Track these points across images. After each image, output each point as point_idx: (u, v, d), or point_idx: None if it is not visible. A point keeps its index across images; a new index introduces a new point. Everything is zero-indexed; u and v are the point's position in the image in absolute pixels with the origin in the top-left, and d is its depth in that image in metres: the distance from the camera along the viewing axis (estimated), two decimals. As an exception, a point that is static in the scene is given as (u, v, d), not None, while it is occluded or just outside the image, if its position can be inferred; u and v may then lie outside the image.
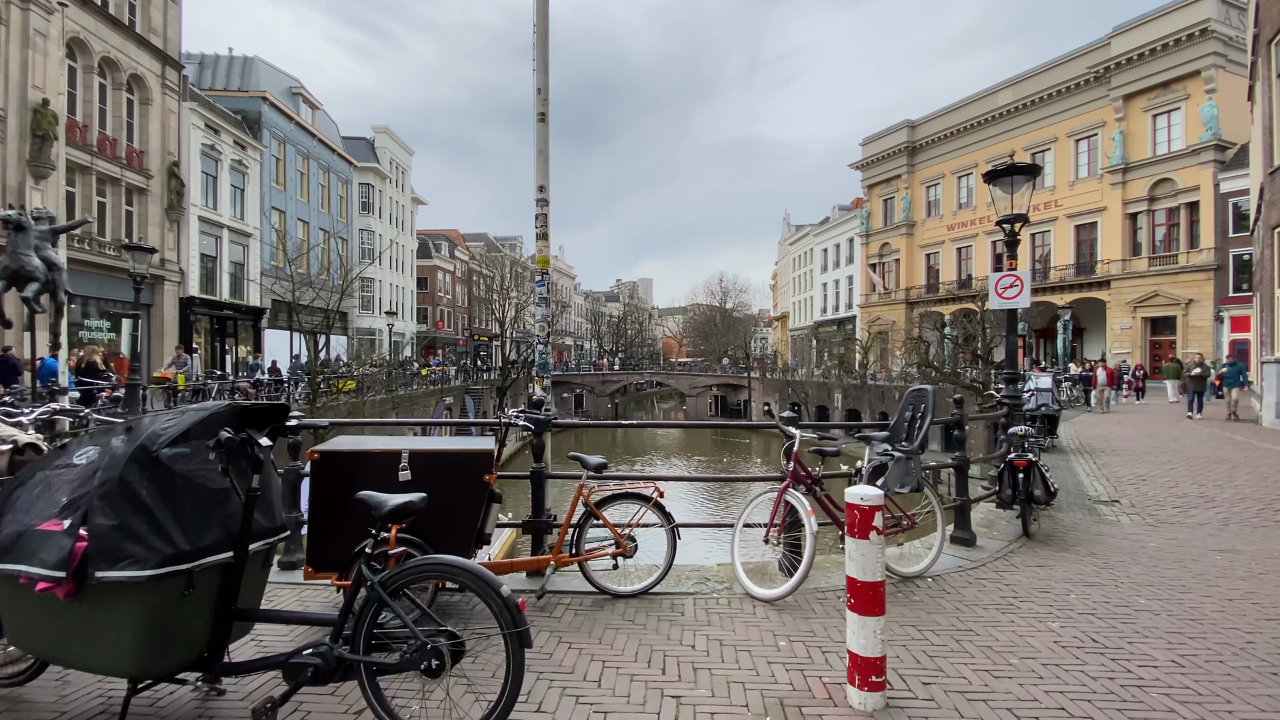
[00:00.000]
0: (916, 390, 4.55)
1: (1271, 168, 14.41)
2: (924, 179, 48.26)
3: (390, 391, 26.66)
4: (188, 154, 23.96)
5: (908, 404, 4.53)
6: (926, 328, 41.33)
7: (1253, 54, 18.32)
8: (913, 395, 4.53)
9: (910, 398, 4.53)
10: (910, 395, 4.58)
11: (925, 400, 4.42)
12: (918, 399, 4.49)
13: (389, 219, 43.81)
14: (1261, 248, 16.42)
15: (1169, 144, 33.58)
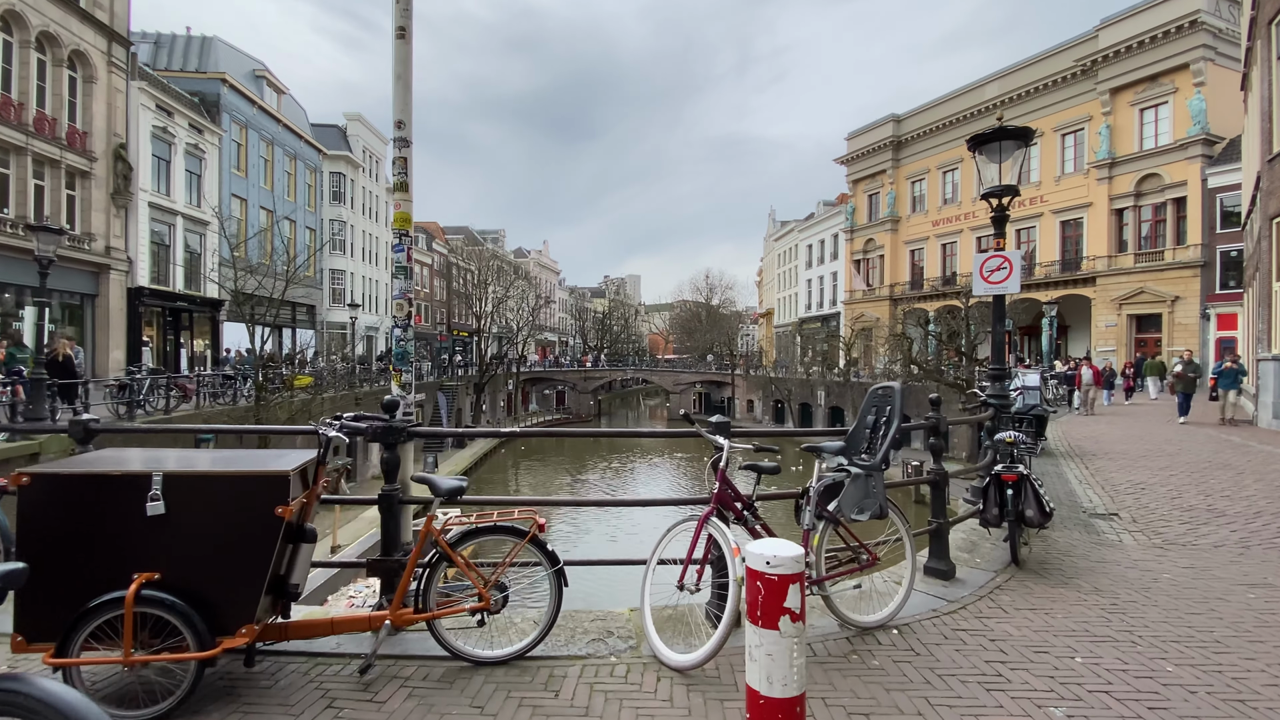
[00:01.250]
0: (881, 389, 3.67)
1: (1270, 155, 13.70)
2: (909, 174, 47.64)
3: (352, 387, 25.52)
4: (136, 136, 22.66)
5: (870, 406, 3.65)
6: (910, 324, 40.67)
7: (1249, 38, 17.65)
8: (876, 396, 3.64)
9: (873, 399, 3.64)
10: (873, 396, 3.70)
11: (891, 402, 3.53)
12: (882, 400, 3.61)
13: (362, 209, 42.51)
14: (1258, 239, 15.75)
15: (1156, 138, 33.08)
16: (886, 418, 3.57)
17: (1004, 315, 5.82)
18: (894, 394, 3.57)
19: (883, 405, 3.61)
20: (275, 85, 32.28)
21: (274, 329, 34.12)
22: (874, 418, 3.66)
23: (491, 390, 50.58)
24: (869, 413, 3.67)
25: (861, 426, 3.68)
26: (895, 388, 3.60)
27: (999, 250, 5.85)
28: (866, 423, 3.65)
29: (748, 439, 3.68)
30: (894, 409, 3.52)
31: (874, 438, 3.62)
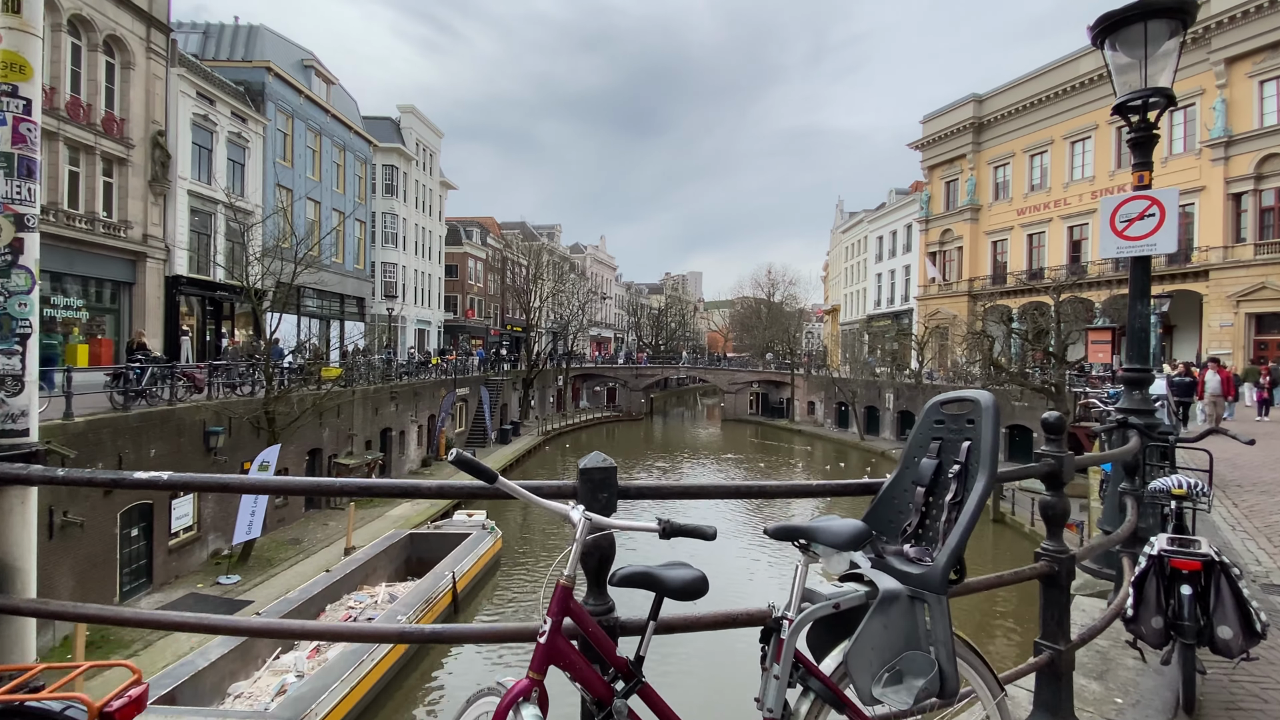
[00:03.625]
0: (950, 401, 1.93)
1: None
2: (991, 159, 43.75)
3: (387, 380, 24.76)
4: (175, 123, 22.50)
5: (927, 436, 1.90)
6: (991, 322, 37.12)
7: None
8: (941, 414, 1.91)
9: (933, 417, 1.92)
10: (933, 411, 1.93)
11: (976, 429, 1.76)
12: (955, 424, 1.85)
13: (415, 203, 42.30)
14: None
15: (1278, 114, 28.87)
16: (963, 460, 1.76)
17: (1147, 290, 3.78)
18: (982, 413, 1.76)
19: (955, 434, 1.82)
20: (324, 75, 32.10)
21: (323, 321, 34.36)
22: (935, 459, 1.84)
23: (541, 386, 49.77)
24: (924, 448, 1.89)
25: (906, 479, 1.87)
26: (983, 402, 1.78)
27: (1142, 188, 3.80)
28: (919, 471, 1.85)
29: (665, 501, 1.94)
30: (984, 443, 1.71)
31: (931, 504, 1.79)
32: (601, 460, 1.77)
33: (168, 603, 13.61)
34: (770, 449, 44.53)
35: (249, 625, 2.14)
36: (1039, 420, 13.27)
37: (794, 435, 49.93)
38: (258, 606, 13.24)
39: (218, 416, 15.86)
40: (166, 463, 14.38)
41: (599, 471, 1.75)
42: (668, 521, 1.55)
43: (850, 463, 38.17)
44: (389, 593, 13.91)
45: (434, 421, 30.39)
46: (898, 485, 1.91)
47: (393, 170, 39.92)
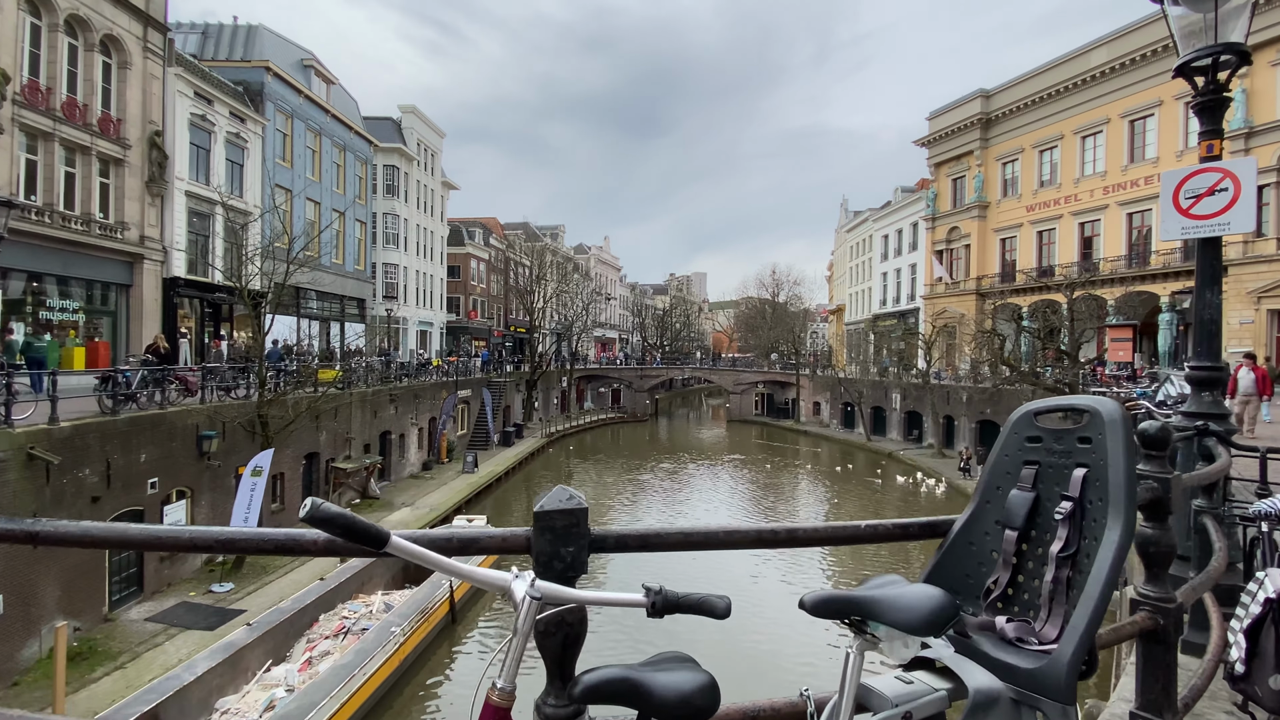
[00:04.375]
0: (1048, 410, 1.44)
1: None
2: (999, 155, 43.11)
3: (386, 383, 24.35)
4: (173, 124, 22.19)
5: (1017, 456, 1.40)
6: (1000, 320, 36.52)
7: None
8: (1031, 429, 1.41)
9: (1024, 439, 1.41)
10: (1021, 427, 1.43)
11: (1100, 452, 1.26)
12: (1064, 445, 1.35)
13: (416, 203, 41.97)
14: None
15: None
16: (1075, 495, 1.28)
17: (1218, 276, 3.32)
18: (1107, 428, 1.27)
19: (1061, 457, 1.34)
20: (324, 75, 31.79)
21: (323, 322, 34.03)
22: (1029, 490, 1.37)
23: (545, 387, 49.38)
24: (1011, 475, 1.41)
25: (988, 518, 1.42)
26: (1106, 412, 1.29)
27: (1211, 159, 3.33)
28: (1007, 508, 1.38)
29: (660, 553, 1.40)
30: (1114, 471, 1.22)
31: (1026, 554, 1.35)
32: (566, 499, 1.27)
33: (159, 612, 13.24)
34: (776, 450, 44.01)
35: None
36: None
37: (800, 436, 49.38)
38: (251, 615, 12.85)
39: (211, 420, 15.49)
40: (158, 467, 14.02)
41: (563, 516, 1.24)
42: (660, 591, 1.07)
43: (857, 463, 37.62)
44: (384, 601, 13.50)
45: (435, 424, 30.00)
46: (975, 526, 1.43)
47: (394, 170, 39.60)
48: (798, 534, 1.36)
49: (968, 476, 30.65)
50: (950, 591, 1.37)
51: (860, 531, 1.40)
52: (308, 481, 20.69)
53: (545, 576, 1.18)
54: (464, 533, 1.27)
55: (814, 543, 1.40)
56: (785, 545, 1.35)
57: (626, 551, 1.35)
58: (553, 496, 1.28)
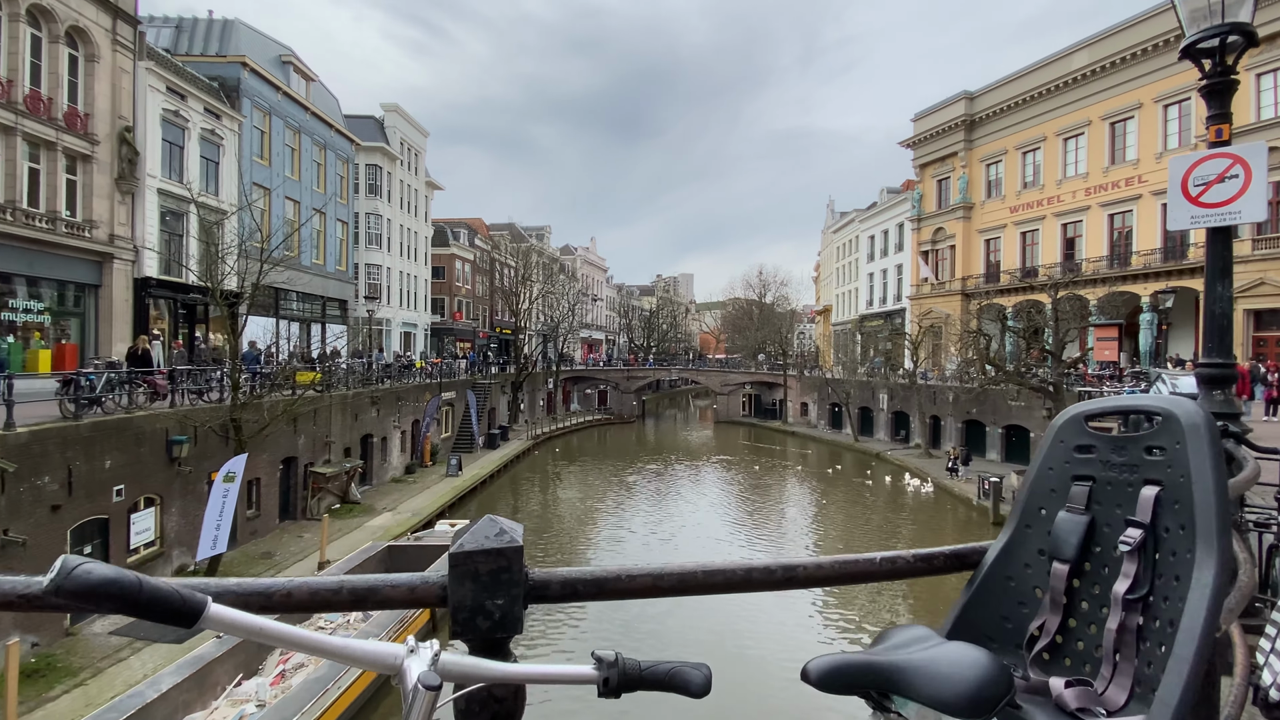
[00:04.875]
0: (1103, 413, 1.20)
1: None
2: (983, 156, 43.35)
3: (367, 385, 23.89)
4: (144, 119, 21.63)
5: (1064, 470, 1.16)
6: (986, 321, 36.64)
7: None
8: (1082, 436, 1.17)
9: (1072, 448, 1.17)
10: (1069, 433, 1.19)
11: (1178, 464, 1.00)
12: (1128, 456, 1.09)
13: (400, 203, 41.44)
14: None
15: (1276, 107, 28.50)
16: (1145, 522, 1.01)
17: (1229, 268, 3.11)
18: (1187, 435, 0.99)
19: (1123, 471, 1.07)
20: (303, 72, 31.24)
21: (303, 324, 33.42)
22: (1083, 513, 1.11)
23: (530, 389, 48.99)
24: (1059, 494, 1.15)
25: (1029, 545, 1.16)
26: (1184, 415, 1.01)
27: (1220, 144, 3.11)
28: (1054, 535, 1.11)
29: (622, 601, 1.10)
30: (1199, 491, 0.94)
31: (1080, 592, 1.09)
32: (493, 534, 0.95)
33: (124, 624, 12.75)
34: (763, 451, 43.93)
35: None
36: (1036, 420, 12.52)
37: (787, 437, 49.34)
38: (221, 627, 12.40)
39: (182, 425, 15.01)
40: (124, 474, 13.54)
41: (488, 558, 0.92)
42: (616, 663, 0.78)
43: (845, 464, 37.60)
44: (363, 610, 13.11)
45: (418, 427, 29.55)
46: (1013, 557, 1.17)
47: (376, 170, 39.08)
48: (797, 572, 1.05)
49: (954, 476, 30.66)
50: (985, 639, 1.11)
51: (875, 566, 1.12)
52: (285, 487, 20.22)
53: (468, 638, 0.91)
54: (358, 582, 0.98)
55: (817, 582, 1.10)
56: (782, 587, 1.05)
57: (577, 601, 1.05)
58: (476, 532, 0.96)
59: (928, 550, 1.16)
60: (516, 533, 0.95)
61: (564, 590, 1.00)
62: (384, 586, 0.95)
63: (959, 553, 1.19)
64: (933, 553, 1.17)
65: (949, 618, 1.16)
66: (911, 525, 25.56)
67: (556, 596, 1.00)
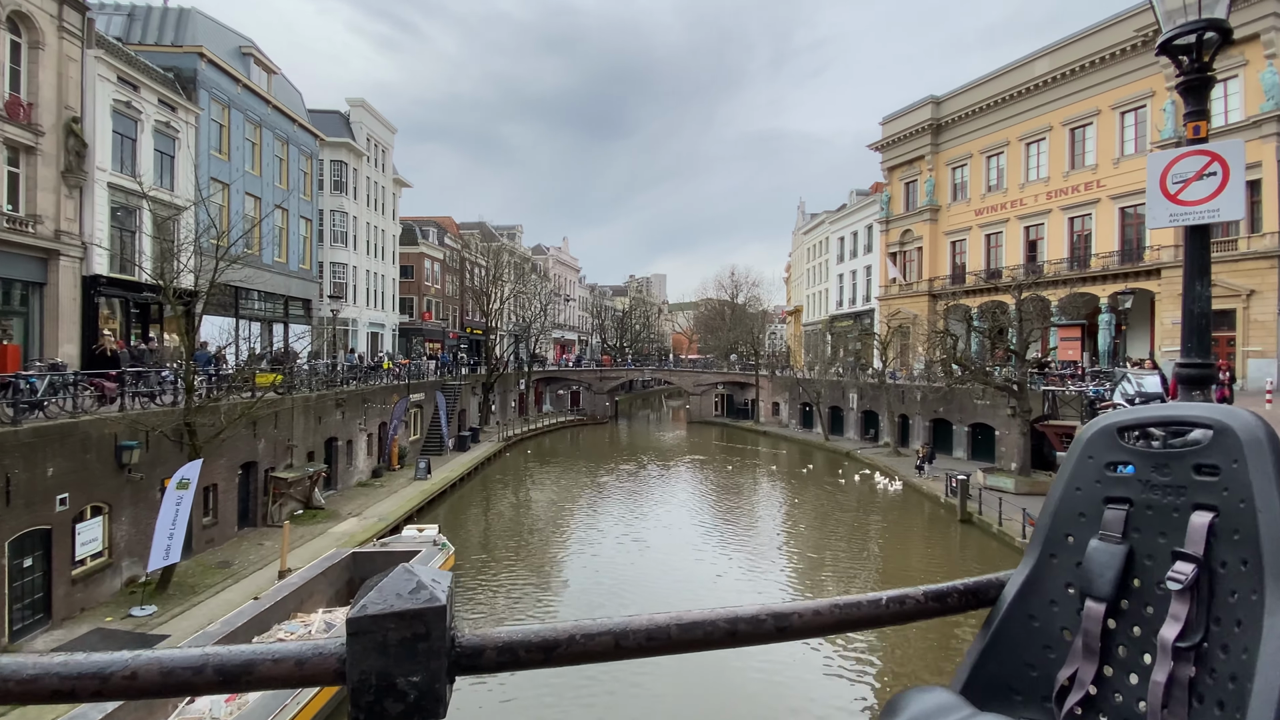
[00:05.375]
0: (1140, 424, 0.97)
1: None
2: (949, 160, 44.12)
3: (331, 387, 23.26)
4: (93, 110, 20.73)
5: (1095, 491, 1.00)
6: (952, 321, 37.28)
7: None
8: (1114, 451, 0.99)
9: (1103, 465, 1.00)
10: (1098, 449, 1.02)
11: (1238, 486, 0.83)
12: (1171, 476, 0.93)
13: (366, 200, 40.57)
14: None
15: (1226, 115, 29.47)
16: (1197, 555, 0.85)
17: (1207, 267, 3.06)
18: (1246, 452, 0.83)
19: (1167, 493, 0.92)
20: (264, 64, 30.36)
21: (265, 323, 32.48)
22: (1119, 541, 0.95)
23: (502, 390, 48.42)
24: (1089, 519, 0.98)
25: (1056, 580, 0.99)
26: (1242, 428, 0.84)
27: (1198, 141, 3.05)
28: (1085, 568, 0.95)
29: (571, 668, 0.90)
30: (1266, 519, 0.78)
31: (1117, 635, 0.92)
32: (407, 589, 0.72)
33: (70, 640, 12.15)
34: (736, 451, 44.06)
35: None
36: (1000, 418, 12.53)
37: (759, 437, 49.59)
38: (174, 641, 11.89)
39: (132, 429, 14.37)
40: (69, 482, 12.90)
41: (400, 623, 0.71)
42: None
43: (817, 463, 37.89)
44: (326, 620, 12.66)
45: (386, 429, 28.91)
46: (1036, 592, 1.00)
47: (342, 166, 38.19)
48: (791, 621, 0.87)
49: (922, 475, 31.07)
50: (1008, 692, 0.94)
51: (881, 609, 0.92)
52: (244, 493, 19.55)
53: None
54: (227, 656, 0.75)
55: (815, 631, 0.91)
56: (773, 639, 0.86)
57: (519, 669, 0.83)
58: (385, 587, 0.73)
59: (939, 586, 0.99)
60: (439, 586, 0.73)
61: (501, 658, 0.79)
62: (262, 661, 0.73)
63: (973, 588, 1.03)
64: (945, 589, 1.00)
65: (964, 666, 0.99)
66: (881, 523, 25.82)
67: (492, 666, 0.79)
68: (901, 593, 0.95)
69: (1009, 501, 23.19)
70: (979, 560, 20.64)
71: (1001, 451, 31.61)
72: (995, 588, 1.02)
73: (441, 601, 0.72)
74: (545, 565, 20.41)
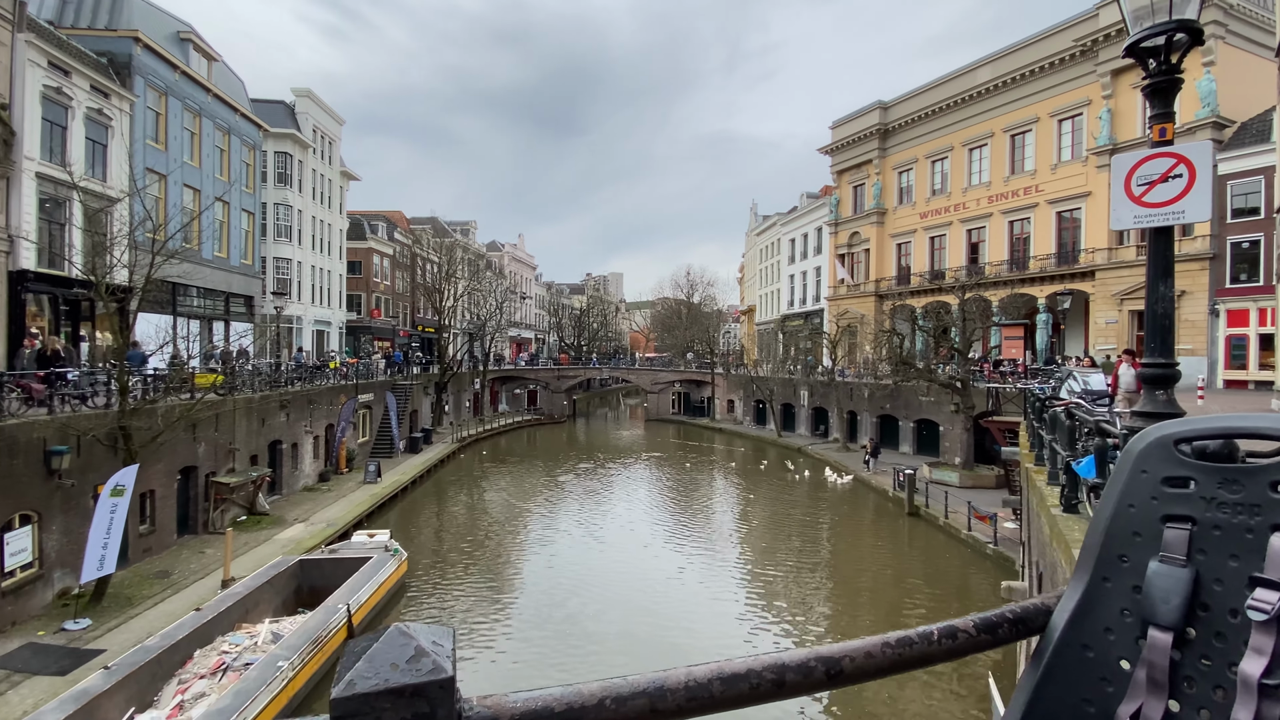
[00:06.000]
0: (1203, 435, 0.90)
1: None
2: (896, 164, 45.42)
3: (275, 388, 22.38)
4: (21, 96, 19.43)
5: (1150, 510, 0.92)
6: (898, 320, 38.41)
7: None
8: (1173, 466, 0.92)
9: (1158, 481, 0.92)
10: (1152, 463, 0.96)
11: None
12: (1240, 493, 0.86)
13: (312, 194, 39.21)
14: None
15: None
16: (1276, 580, 0.80)
17: (1170, 268, 3.19)
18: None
19: (1237, 512, 0.85)
20: (205, 50, 29.00)
21: (204, 321, 31.04)
22: (1183, 564, 0.88)
23: (456, 390, 47.55)
24: (1146, 539, 0.91)
25: (1111, 605, 0.92)
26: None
27: (1164, 144, 3.19)
28: (1145, 593, 0.89)
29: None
30: None
31: (1186, 664, 0.85)
32: (405, 660, 0.58)
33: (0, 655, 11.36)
34: (693, 448, 44.41)
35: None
36: (944, 414, 12.92)
37: (715, 434, 50.10)
38: (111, 656, 11.24)
39: (63, 434, 13.52)
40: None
41: (394, 702, 0.55)
42: None
43: (771, 459, 38.49)
44: (272, 631, 12.16)
45: (333, 431, 28.01)
46: (1091, 618, 0.92)
47: (286, 158, 36.81)
48: (842, 666, 0.80)
49: (870, 469, 31.87)
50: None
51: (935, 647, 0.87)
52: (184, 499, 18.63)
53: None
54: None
55: (869, 675, 0.83)
56: (823, 687, 0.78)
57: None
58: (377, 657, 0.58)
59: (989, 616, 0.93)
60: (443, 652, 0.60)
61: None
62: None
63: (1020, 616, 0.96)
64: (995, 619, 0.93)
65: (1016, 703, 0.93)
66: (833, 517, 26.39)
67: None
68: (951, 626, 0.90)
69: (954, 495, 24.03)
70: (927, 552, 21.32)
71: (946, 446, 32.72)
72: (1042, 614, 0.96)
73: (448, 672, 0.58)
74: (502, 567, 20.13)
